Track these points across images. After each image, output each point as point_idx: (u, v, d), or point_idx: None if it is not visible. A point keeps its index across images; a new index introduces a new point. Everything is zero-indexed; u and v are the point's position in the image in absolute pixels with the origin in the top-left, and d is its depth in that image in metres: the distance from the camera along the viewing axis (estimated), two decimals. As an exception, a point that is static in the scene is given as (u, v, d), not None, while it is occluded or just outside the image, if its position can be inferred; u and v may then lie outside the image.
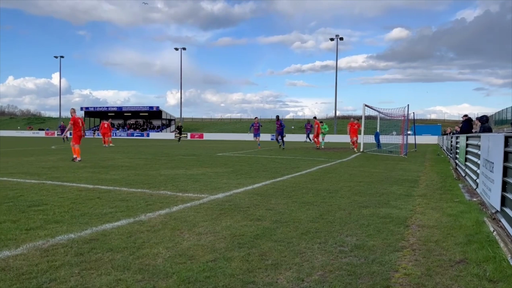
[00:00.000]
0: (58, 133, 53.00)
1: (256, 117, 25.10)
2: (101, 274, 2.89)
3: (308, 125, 27.64)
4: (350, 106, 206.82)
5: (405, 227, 4.47)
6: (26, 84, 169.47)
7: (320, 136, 24.65)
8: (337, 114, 61.36)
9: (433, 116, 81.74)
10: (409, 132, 23.79)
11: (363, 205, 5.76)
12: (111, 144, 25.94)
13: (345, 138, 49.99)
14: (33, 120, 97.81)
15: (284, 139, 23.15)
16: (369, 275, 2.96)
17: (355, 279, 2.87)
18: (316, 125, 23.75)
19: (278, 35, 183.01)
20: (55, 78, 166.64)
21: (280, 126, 22.41)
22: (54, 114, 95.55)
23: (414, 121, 28.40)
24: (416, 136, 27.80)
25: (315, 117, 25.46)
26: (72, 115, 13.66)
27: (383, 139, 23.50)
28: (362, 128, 21.55)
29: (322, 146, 25.14)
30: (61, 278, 2.79)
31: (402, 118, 21.17)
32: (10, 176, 8.61)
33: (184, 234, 4.00)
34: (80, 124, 13.52)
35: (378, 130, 23.72)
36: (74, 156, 13.04)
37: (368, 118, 23.37)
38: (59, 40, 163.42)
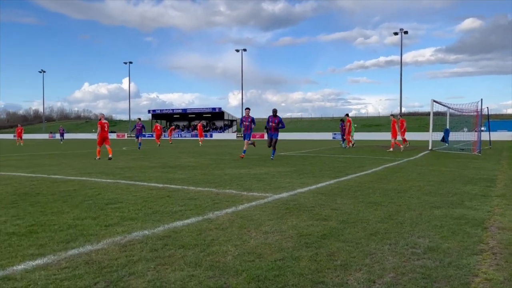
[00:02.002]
0: (130, 134, 56.05)
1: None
2: (174, 269, 3.01)
3: (344, 125, 23.44)
4: (417, 102, 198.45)
5: (483, 229, 4.20)
6: (99, 89, 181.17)
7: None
8: (403, 110, 58.94)
9: (510, 111, 75.90)
10: (482, 128, 22.25)
11: (435, 205, 5.49)
12: (159, 144, 28.30)
13: (411, 136, 48.00)
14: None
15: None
16: (446, 279, 2.82)
17: (431, 282, 2.75)
18: (348, 123, 22.61)
19: (339, 32, 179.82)
20: (125, 83, 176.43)
21: (275, 127, 14.61)
22: (124, 117, 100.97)
23: (488, 116, 26.57)
24: (490, 133, 26.01)
25: (347, 114, 24.07)
26: (100, 120, 15.28)
27: (453, 136, 22.23)
28: (431, 125, 20.53)
29: (352, 145, 23.50)
30: (139, 272, 2.95)
31: (475, 113, 19.88)
32: (88, 176, 9.25)
33: (251, 233, 4.06)
34: (106, 128, 14.98)
35: (448, 127, 22.50)
36: (110, 155, 14.61)
37: (436, 114, 22.22)
38: (129, 47, 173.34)
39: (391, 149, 19.63)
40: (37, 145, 34.09)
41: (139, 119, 25.27)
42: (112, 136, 71.63)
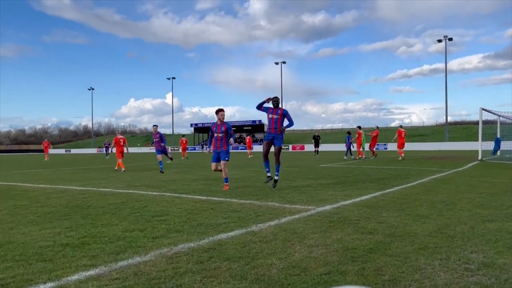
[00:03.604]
0: (173, 148, 57.43)
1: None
2: (220, 282, 3.04)
3: (350, 138, 23.90)
4: (464, 110, 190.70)
5: (543, 244, 3.96)
6: (144, 104, 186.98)
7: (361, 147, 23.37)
8: (449, 119, 56.92)
9: None
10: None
11: (488, 218, 5.23)
12: (187, 157, 30.92)
13: (458, 146, 46.13)
14: (150, 138, 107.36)
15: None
16: (503, 297, 2.67)
17: (486, 300, 2.61)
18: (358, 135, 22.72)
19: (381, 41, 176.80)
20: (169, 98, 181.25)
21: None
22: (168, 131, 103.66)
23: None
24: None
25: (359, 127, 23.94)
26: (116, 136, 17.26)
27: (505, 145, 21.17)
28: (480, 135, 19.67)
29: (363, 157, 23.20)
30: (186, 285, 3.00)
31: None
32: (135, 188, 9.55)
33: (296, 246, 4.03)
34: (122, 143, 16.83)
35: (498, 136, 21.46)
36: (122, 169, 16.06)
37: (486, 123, 21.28)
38: (172, 63, 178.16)
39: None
40: (88, 159, 35.65)
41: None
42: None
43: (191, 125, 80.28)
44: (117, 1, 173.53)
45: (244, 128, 76.10)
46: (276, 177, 8.85)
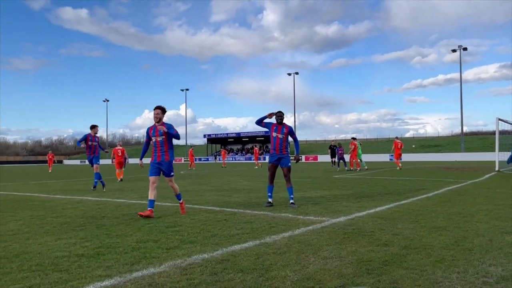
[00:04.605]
0: (186, 159, 57.71)
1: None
2: (234, 293, 3.03)
3: (340, 149, 23.70)
4: (480, 120, 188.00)
5: None
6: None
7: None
8: (465, 130, 56.21)
9: None
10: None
11: (506, 231, 5.12)
12: (193, 168, 31.34)
13: (474, 156, 45.39)
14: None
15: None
16: (524, 312, 2.61)
17: (506, 315, 2.55)
18: (353, 146, 22.72)
19: (395, 51, 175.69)
20: (182, 109, 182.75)
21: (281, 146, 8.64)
22: (181, 142, 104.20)
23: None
24: None
25: (354, 138, 23.67)
26: (116, 147, 18.38)
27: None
28: (497, 145, 19.35)
29: (357, 169, 23.02)
30: (200, 296, 3.00)
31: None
32: (148, 199, 9.59)
33: (310, 258, 4.00)
34: (119, 154, 18.01)
35: (516, 146, 21.11)
36: (118, 179, 17.20)
37: (502, 133, 20.95)
38: (186, 74, 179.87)
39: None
40: (102, 170, 35.99)
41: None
42: (169, 160, 73.91)
43: (204, 135, 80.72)
44: (132, 15, 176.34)
45: (257, 139, 76.14)
46: (291, 200, 7.92)
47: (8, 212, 7.68)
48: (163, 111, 7.41)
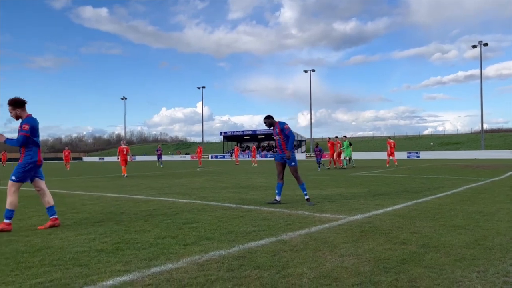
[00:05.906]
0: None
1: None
2: (251, 290, 3.05)
3: (316, 149, 23.16)
4: (501, 118, 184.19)
5: None
6: (175, 113, 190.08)
7: (342, 155, 23.80)
8: (485, 127, 55.09)
9: None
10: None
11: (528, 230, 5.02)
12: (200, 166, 31.57)
13: (494, 154, 44.45)
14: (180, 146, 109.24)
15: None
16: (546, 312, 2.55)
17: (528, 316, 2.51)
18: (338, 144, 23.42)
19: (414, 48, 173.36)
20: (199, 106, 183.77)
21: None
22: (198, 139, 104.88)
23: None
24: None
25: (344, 136, 24.54)
26: (120, 145, 20.21)
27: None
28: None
29: (345, 166, 23.44)
30: (217, 292, 3.02)
31: None
32: (166, 196, 9.71)
33: (326, 255, 3.99)
34: (125, 152, 19.70)
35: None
36: (125, 175, 18.84)
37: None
38: (203, 72, 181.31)
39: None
40: (120, 167, 36.49)
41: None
42: (187, 157, 74.55)
43: (221, 133, 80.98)
44: (151, 13, 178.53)
45: (273, 136, 76.02)
46: (306, 196, 7.98)
47: (31, 208, 7.87)
48: (15, 104, 5.67)
